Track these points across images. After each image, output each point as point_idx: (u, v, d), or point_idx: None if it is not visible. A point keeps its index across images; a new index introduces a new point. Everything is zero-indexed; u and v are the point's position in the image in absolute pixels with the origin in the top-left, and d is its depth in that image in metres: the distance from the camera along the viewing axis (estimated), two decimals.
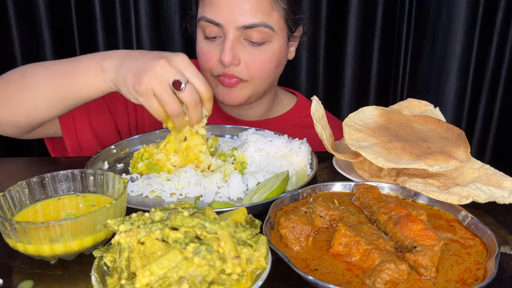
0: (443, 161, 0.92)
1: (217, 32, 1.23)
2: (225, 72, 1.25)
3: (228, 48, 1.21)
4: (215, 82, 1.30)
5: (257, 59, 1.25)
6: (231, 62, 1.22)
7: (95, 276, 0.63)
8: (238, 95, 1.30)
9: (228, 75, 1.25)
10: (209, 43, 1.26)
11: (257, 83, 1.30)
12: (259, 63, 1.26)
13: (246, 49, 1.24)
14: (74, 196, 0.85)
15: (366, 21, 2.12)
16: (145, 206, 0.93)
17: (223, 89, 1.29)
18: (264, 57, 1.26)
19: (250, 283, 0.62)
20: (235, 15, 1.19)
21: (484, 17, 2.07)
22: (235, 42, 1.22)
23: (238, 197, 0.96)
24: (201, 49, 1.29)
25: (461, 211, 0.83)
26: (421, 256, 0.66)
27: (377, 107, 1.12)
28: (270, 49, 1.27)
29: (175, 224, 0.64)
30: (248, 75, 1.27)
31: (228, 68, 1.24)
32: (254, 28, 1.21)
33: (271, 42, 1.26)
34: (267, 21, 1.22)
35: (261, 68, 1.27)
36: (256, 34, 1.22)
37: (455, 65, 2.14)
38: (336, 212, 0.79)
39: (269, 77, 1.32)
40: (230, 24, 1.20)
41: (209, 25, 1.23)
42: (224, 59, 1.21)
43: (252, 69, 1.26)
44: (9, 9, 1.96)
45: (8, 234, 0.70)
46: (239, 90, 1.29)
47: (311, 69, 2.21)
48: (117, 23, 2.06)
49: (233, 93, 1.30)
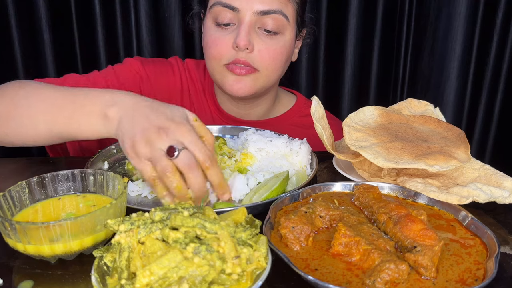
0: (443, 161, 0.92)
1: (231, 18, 1.23)
2: (237, 59, 1.23)
3: (244, 32, 1.20)
4: (223, 73, 1.28)
5: (271, 48, 1.25)
6: (246, 46, 1.21)
7: (95, 276, 0.63)
8: (247, 85, 1.28)
9: (240, 61, 1.24)
10: (221, 30, 1.25)
11: (268, 74, 1.29)
12: (272, 52, 1.26)
13: (260, 37, 1.24)
14: (74, 196, 0.85)
15: (366, 21, 2.12)
16: (145, 206, 0.93)
17: (233, 77, 1.27)
18: (277, 47, 1.27)
19: (250, 283, 0.62)
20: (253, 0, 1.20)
21: (484, 17, 2.07)
22: (251, 28, 1.22)
23: (240, 198, 0.96)
24: (211, 36, 1.26)
25: (461, 211, 0.83)
26: (421, 256, 0.66)
27: (377, 107, 1.12)
28: (282, 40, 1.27)
29: (175, 224, 0.64)
30: (260, 63, 1.26)
31: (241, 53, 1.23)
32: (271, 14, 1.21)
33: (284, 33, 1.27)
34: (284, 10, 1.24)
35: (273, 57, 1.27)
36: (271, 21, 1.22)
37: (455, 65, 2.14)
38: (336, 212, 0.80)
39: (278, 70, 1.32)
40: (247, 9, 1.20)
41: (223, 10, 1.22)
42: (240, 42, 1.20)
43: (264, 57, 1.25)
44: (9, 9, 1.96)
45: (8, 234, 0.70)
46: (249, 80, 1.27)
47: (311, 69, 2.21)
48: (117, 23, 2.06)
49: (243, 83, 1.27)
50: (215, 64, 1.28)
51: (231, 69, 1.25)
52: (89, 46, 2.08)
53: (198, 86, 1.46)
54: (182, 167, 0.81)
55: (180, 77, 1.45)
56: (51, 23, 2.01)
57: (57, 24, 2.03)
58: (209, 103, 1.46)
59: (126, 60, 1.43)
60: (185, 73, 1.46)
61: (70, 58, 2.10)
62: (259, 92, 1.33)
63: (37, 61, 2.07)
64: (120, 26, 2.07)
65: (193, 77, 1.47)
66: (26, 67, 2.07)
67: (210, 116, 1.46)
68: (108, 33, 2.07)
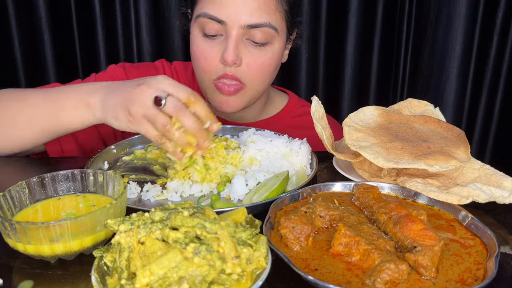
0: (443, 161, 0.92)
1: (218, 29, 1.20)
2: (225, 73, 1.22)
3: (231, 46, 1.18)
4: (212, 90, 1.27)
5: (259, 60, 1.23)
6: (234, 62, 1.19)
7: (95, 276, 0.63)
8: (236, 103, 1.28)
9: (228, 76, 1.22)
10: (208, 41, 1.22)
11: (255, 87, 1.28)
12: (261, 64, 1.24)
13: (248, 49, 1.22)
14: (74, 196, 0.85)
15: (366, 21, 2.12)
16: (145, 206, 0.93)
17: (222, 97, 1.26)
18: (266, 59, 1.24)
19: (250, 283, 0.62)
20: (240, 13, 1.16)
21: (484, 17, 2.07)
22: (238, 41, 1.19)
23: (239, 198, 0.96)
24: (198, 48, 1.24)
25: (461, 211, 0.83)
26: (421, 256, 0.66)
27: (377, 107, 1.12)
28: (271, 50, 1.25)
29: (175, 224, 0.64)
30: (248, 78, 1.24)
31: (229, 68, 1.21)
32: (259, 28, 1.18)
33: (272, 43, 1.24)
34: (272, 22, 1.20)
35: (262, 70, 1.25)
36: (260, 34, 1.19)
37: (455, 65, 2.14)
38: (336, 212, 0.79)
39: (266, 80, 1.30)
40: (234, 22, 1.17)
41: (210, 22, 1.18)
42: (227, 58, 1.18)
43: (252, 70, 1.23)
44: (9, 9, 1.96)
45: (8, 234, 0.70)
46: (238, 98, 1.27)
47: (311, 69, 2.21)
48: (117, 23, 2.06)
49: (231, 101, 1.27)
50: (204, 78, 1.27)
51: (220, 88, 1.24)
52: (89, 46, 2.08)
53: None
54: (172, 112, 0.91)
55: None
56: (51, 23, 2.02)
57: (57, 24, 2.03)
58: None
59: (109, 67, 1.44)
60: (171, 76, 1.45)
61: (70, 58, 2.10)
62: (248, 105, 1.33)
63: (37, 61, 2.07)
64: (120, 26, 2.07)
65: (181, 80, 1.46)
66: (26, 67, 2.07)
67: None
68: (108, 33, 2.07)
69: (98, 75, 1.41)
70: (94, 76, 1.41)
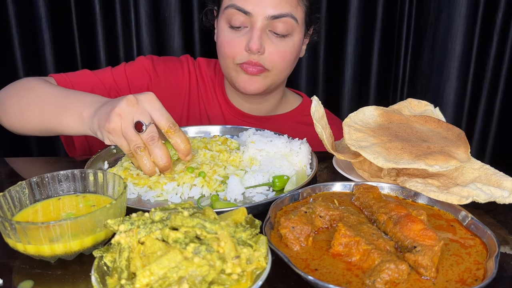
0: (443, 161, 0.92)
1: (243, 21, 1.30)
2: (250, 60, 1.32)
3: (256, 36, 1.28)
4: (236, 70, 1.36)
5: (281, 49, 1.33)
6: (258, 50, 1.29)
7: (95, 276, 0.63)
8: (259, 84, 1.36)
9: (252, 63, 1.32)
10: (234, 32, 1.33)
11: (277, 73, 1.37)
12: (282, 53, 1.34)
13: (270, 40, 1.32)
14: (74, 196, 0.85)
15: (366, 21, 2.12)
16: (145, 206, 0.93)
17: (245, 76, 1.35)
18: (287, 48, 1.34)
19: (250, 283, 0.62)
20: (265, 5, 1.27)
21: (484, 17, 2.07)
22: (262, 32, 1.30)
23: (235, 198, 0.96)
24: (225, 37, 1.35)
25: (461, 211, 0.83)
26: (421, 256, 0.66)
27: (377, 107, 1.12)
28: (291, 41, 1.34)
29: (175, 224, 0.64)
30: (271, 64, 1.33)
31: (253, 56, 1.31)
32: (281, 18, 1.28)
33: (293, 35, 1.34)
34: (294, 13, 1.30)
35: (283, 58, 1.35)
36: (281, 25, 1.29)
37: (455, 65, 2.14)
38: (336, 212, 0.80)
39: (287, 68, 1.40)
40: (259, 13, 1.27)
41: (236, 13, 1.29)
42: (252, 46, 1.28)
43: (275, 58, 1.33)
44: (9, 9, 1.96)
45: (8, 234, 0.70)
46: (260, 79, 1.36)
47: (311, 69, 2.21)
48: (117, 23, 2.06)
49: (254, 81, 1.35)
50: (229, 63, 1.36)
51: (244, 68, 1.34)
52: (89, 46, 2.08)
53: (209, 83, 1.55)
54: (146, 140, 0.95)
55: (189, 74, 1.53)
56: (51, 23, 2.01)
57: (57, 24, 2.03)
58: (219, 98, 1.54)
59: (138, 58, 1.52)
60: (194, 70, 1.55)
61: (70, 58, 2.10)
62: (269, 89, 1.41)
63: (37, 61, 2.06)
64: (120, 26, 2.07)
65: (204, 74, 1.55)
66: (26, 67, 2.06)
67: (220, 110, 1.53)
68: (108, 33, 2.07)
69: (127, 66, 1.48)
70: (123, 66, 1.48)
